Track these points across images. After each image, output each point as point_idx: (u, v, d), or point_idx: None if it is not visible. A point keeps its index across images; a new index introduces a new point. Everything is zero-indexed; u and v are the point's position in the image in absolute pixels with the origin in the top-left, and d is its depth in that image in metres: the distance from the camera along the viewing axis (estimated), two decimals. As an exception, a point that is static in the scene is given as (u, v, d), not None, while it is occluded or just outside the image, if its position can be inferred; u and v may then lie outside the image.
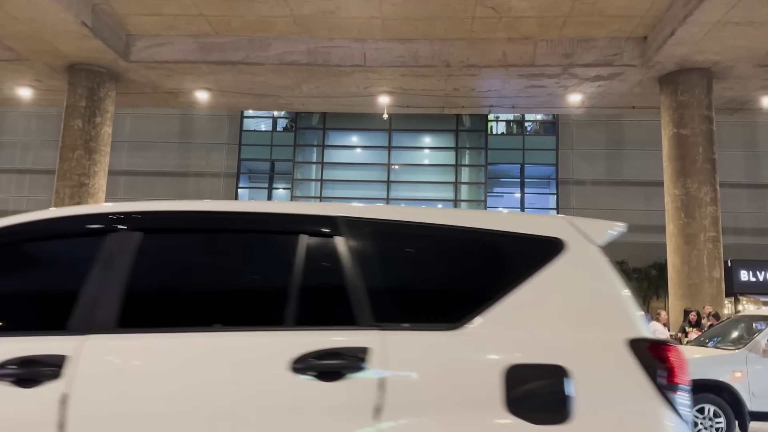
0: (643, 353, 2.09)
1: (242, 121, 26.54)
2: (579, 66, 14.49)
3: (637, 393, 2.05)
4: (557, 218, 2.46)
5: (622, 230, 2.52)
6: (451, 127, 25.09)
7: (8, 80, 16.57)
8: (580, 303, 2.20)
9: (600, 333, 2.13)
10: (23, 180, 24.61)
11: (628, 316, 2.19)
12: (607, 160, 24.73)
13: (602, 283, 2.25)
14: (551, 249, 2.28)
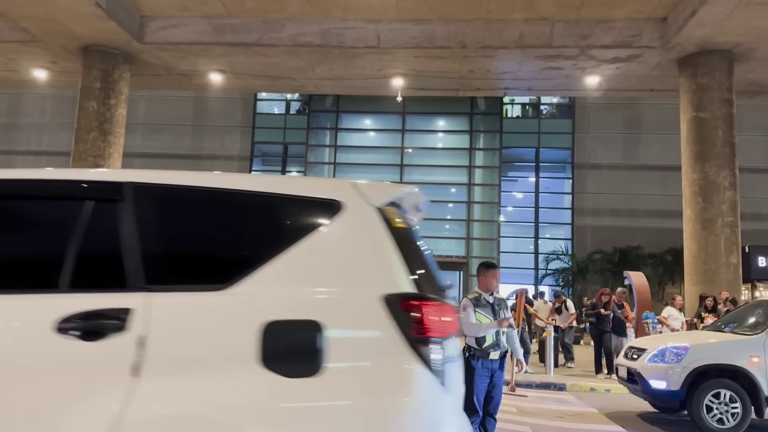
0: (396, 308, 2.16)
1: (256, 104, 26.51)
2: (597, 47, 14.26)
3: (387, 346, 2.13)
4: (339, 181, 2.57)
5: (410, 192, 2.61)
6: (465, 110, 24.88)
7: (24, 62, 16.63)
8: (345, 262, 2.28)
9: (359, 290, 2.21)
10: (39, 162, 24.81)
11: (390, 274, 2.25)
12: (624, 144, 24.43)
13: (371, 243, 2.32)
14: (327, 211, 2.35)
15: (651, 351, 7.10)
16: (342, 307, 2.19)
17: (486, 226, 24.87)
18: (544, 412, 7.43)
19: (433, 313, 2.22)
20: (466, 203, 24.75)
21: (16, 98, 25.37)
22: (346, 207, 2.37)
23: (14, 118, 25.74)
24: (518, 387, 9.06)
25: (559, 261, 24.16)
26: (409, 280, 2.25)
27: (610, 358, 10.60)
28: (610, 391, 9.35)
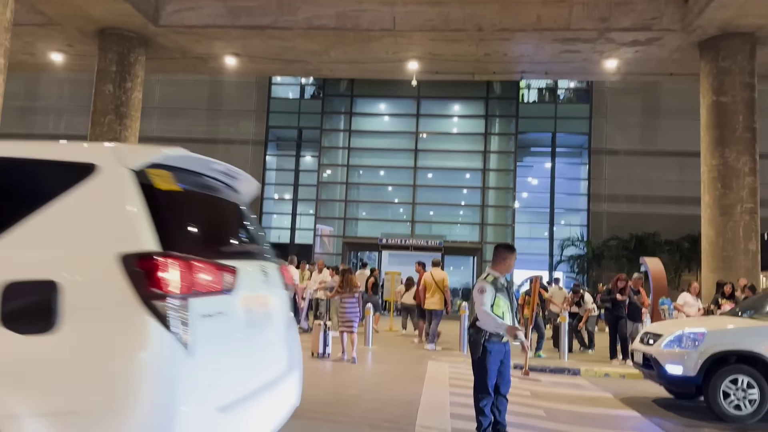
0: (131, 266, 2.25)
1: (270, 88, 26.49)
2: (616, 30, 14.05)
3: (121, 303, 2.23)
4: (96, 145, 2.67)
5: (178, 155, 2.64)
6: (481, 94, 24.69)
7: (41, 45, 16.72)
8: (89, 223, 2.37)
9: (98, 250, 2.30)
10: (57, 145, 24.98)
11: (132, 235, 2.32)
12: (642, 129, 24.13)
13: (116, 204, 2.38)
14: (79, 174, 2.40)
15: (667, 336, 7.03)
16: (80, 267, 2.28)
17: (500, 211, 24.76)
18: (557, 396, 7.41)
19: (174, 270, 2.29)
20: (481, 189, 24.64)
21: (33, 82, 25.55)
22: (99, 170, 2.41)
23: (32, 101, 25.94)
24: (531, 371, 9.03)
25: (574, 247, 24.02)
26: (154, 239, 2.32)
27: (625, 344, 10.53)
28: (624, 377, 9.29)
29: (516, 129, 24.81)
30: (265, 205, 26.33)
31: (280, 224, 27.11)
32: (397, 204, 26.04)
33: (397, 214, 26.05)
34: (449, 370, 8.73)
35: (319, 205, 25.53)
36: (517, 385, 7.98)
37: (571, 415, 6.27)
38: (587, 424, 5.87)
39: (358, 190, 26.04)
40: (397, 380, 7.77)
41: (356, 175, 26.02)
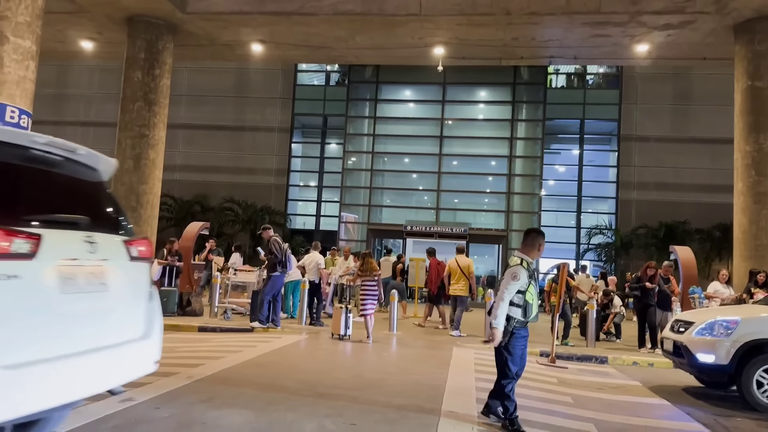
0: None
1: (296, 75, 26.53)
2: (647, 13, 13.72)
3: None
4: None
5: None
6: (508, 80, 24.39)
7: (71, 33, 16.95)
8: None
9: None
10: (87, 132, 25.44)
11: None
12: (673, 115, 23.63)
13: None
14: None
15: (699, 324, 6.90)
16: None
17: (527, 199, 24.52)
18: (585, 383, 7.34)
19: None
20: (507, 176, 24.42)
21: (64, 70, 25.97)
22: None
23: (62, 89, 26.39)
24: (558, 359, 8.97)
25: (602, 235, 23.71)
26: None
27: (654, 333, 10.38)
28: (653, 365, 9.17)
29: (543, 115, 24.48)
30: (290, 192, 26.48)
31: (305, 211, 27.25)
32: (421, 191, 25.96)
33: (422, 201, 25.98)
34: (474, 356, 8.71)
35: (344, 192, 25.58)
36: (544, 373, 7.92)
37: (600, 402, 6.21)
38: (616, 412, 5.80)
39: (383, 177, 26.01)
40: (422, 365, 7.78)
41: (381, 162, 25.98)
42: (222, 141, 25.61)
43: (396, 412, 5.18)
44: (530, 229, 5.17)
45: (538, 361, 8.87)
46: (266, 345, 8.60)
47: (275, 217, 24.41)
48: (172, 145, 20.64)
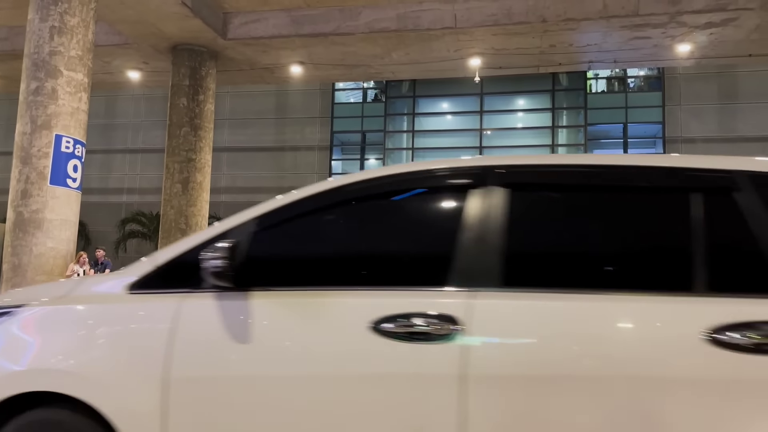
0: None
1: (333, 94, 26.90)
2: (688, 13, 13.47)
3: None
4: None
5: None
6: (546, 87, 24.19)
7: (118, 63, 17.64)
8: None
9: None
10: (135, 159, 26.32)
11: None
12: (720, 115, 23.00)
13: None
14: None
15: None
16: None
17: (571, 207, 24.20)
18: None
19: None
20: (550, 184, 24.14)
21: (112, 100, 26.96)
22: None
23: (111, 119, 27.38)
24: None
25: (651, 241, 23.15)
26: None
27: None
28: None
29: (585, 121, 24.14)
30: (332, 209, 26.65)
31: (347, 227, 27.38)
32: (463, 203, 25.84)
33: (464, 214, 25.87)
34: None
35: (385, 207, 25.68)
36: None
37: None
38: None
39: (424, 190, 26.01)
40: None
41: (421, 176, 26.03)
42: (264, 162, 26.11)
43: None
44: None
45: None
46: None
47: (319, 234, 24.61)
48: (217, 167, 21.15)
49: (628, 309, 1.91)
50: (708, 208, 2.04)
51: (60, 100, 10.22)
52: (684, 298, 1.90)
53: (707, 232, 2.00)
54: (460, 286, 2.05)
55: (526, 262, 2.10)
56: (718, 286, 1.90)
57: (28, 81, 10.21)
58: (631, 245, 2.10)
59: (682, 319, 1.85)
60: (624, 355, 1.85)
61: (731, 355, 1.77)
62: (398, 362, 1.97)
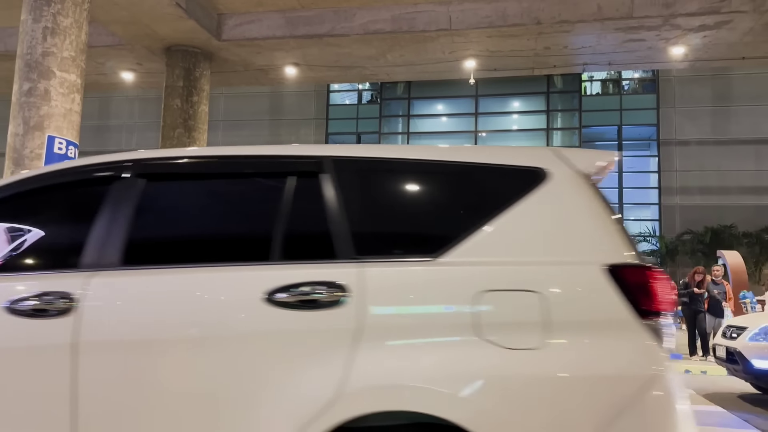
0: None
1: (328, 95, 26.90)
2: (682, 15, 13.50)
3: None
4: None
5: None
6: (541, 89, 24.24)
7: (112, 65, 17.57)
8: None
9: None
10: (130, 161, 26.18)
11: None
12: (714, 117, 23.09)
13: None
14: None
15: (753, 329, 6.70)
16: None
17: (566, 208, 24.21)
18: (636, 393, 7.17)
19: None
20: (545, 186, 24.14)
21: (105, 101, 26.88)
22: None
23: (105, 120, 27.30)
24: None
25: (647, 243, 23.20)
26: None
27: (705, 340, 10.11)
28: (706, 373, 8.92)
29: (580, 123, 24.20)
30: (327, 211, 26.67)
31: (342, 229, 27.39)
32: (458, 205, 25.85)
33: (459, 215, 25.88)
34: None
35: (380, 209, 25.66)
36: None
37: (652, 411, 6.06)
38: (670, 421, 5.66)
39: (419, 192, 26.01)
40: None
41: (416, 178, 26.02)
42: (259, 163, 26.08)
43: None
44: None
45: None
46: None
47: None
48: (212, 169, 21.08)
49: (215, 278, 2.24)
50: (294, 190, 2.39)
51: (53, 102, 10.15)
52: (259, 266, 2.24)
53: (286, 210, 2.34)
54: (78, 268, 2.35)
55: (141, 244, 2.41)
56: (284, 255, 2.26)
57: (21, 82, 10.15)
58: (229, 224, 2.42)
59: (251, 284, 2.20)
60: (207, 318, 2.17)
61: (281, 311, 2.14)
62: None
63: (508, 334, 2.04)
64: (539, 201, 2.26)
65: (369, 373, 2.05)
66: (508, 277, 2.12)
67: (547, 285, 2.09)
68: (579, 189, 2.28)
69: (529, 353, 2.01)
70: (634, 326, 2.05)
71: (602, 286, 2.08)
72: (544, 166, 2.33)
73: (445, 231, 2.25)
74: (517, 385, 1.99)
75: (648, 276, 2.12)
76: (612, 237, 2.20)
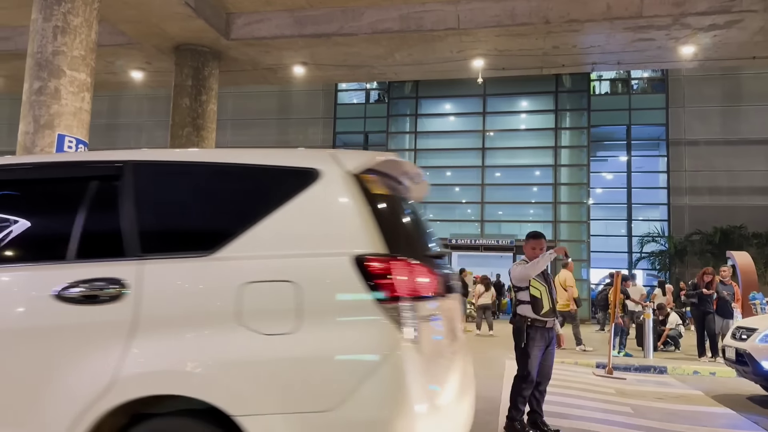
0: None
1: (336, 95, 26.91)
2: (692, 15, 13.42)
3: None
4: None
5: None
6: (550, 88, 24.13)
7: (121, 63, 17.66)
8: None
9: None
10: (138, 159, 26.27)
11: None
12: (723, 117, 22.93)
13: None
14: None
15: (763, 330, 6.66)
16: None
17: (574, 208, 24.09)
18: (644, 393, 7.14)
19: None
20: (552, 185, 24.05)
21: (115, 100, 27.00)
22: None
23: (114, 119, 27.42)
24: (615, 370, 8.76)
25: (655, 243, 23.08)
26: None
27: (714, 341, 10.04)
28: (715, 374, 8.86)
29: (588, 122, 24.06)
30: (335, 210, 26.69)
31: (350, 228, 27.38)
32: (465, 204, 25.82)
33: (466, 215, 25.83)
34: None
35: (387, 208, 25.60)
36: (601, 384, 7.74)
37: (661, 412, 6.04)
38: (678, 421, 5.63)
39: (426, 191, 25.94)
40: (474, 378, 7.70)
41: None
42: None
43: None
44: (528, 233, 5.33)
45: (594, 373, 8.69)
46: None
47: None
48: (220, 168, 21.12)
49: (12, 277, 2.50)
50: (94, 194, 2.58)
51: (63, 100, 10.22)
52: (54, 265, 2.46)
53: (84, 213, 2.53)
54: None
55: None
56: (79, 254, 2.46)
57: (31, 81, 10.22)
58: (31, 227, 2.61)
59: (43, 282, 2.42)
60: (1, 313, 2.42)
61: (68, 306, 2.34)
62: None
63: (266, 321, 2.24)
64: (308, 199, 2.45)
65: (141, 361, 2.25)
66: (268, 270, 2.32)
67: (301, 276, 2.28)
68: (345, 187, 2.44)
69: (284, 338, 2.21)
70: (375, 311, 2.24)
71: (349, 275, 2.27)
72: (318, 167, 2.49)
73: (222, 228, 2.44)
74: (272, 368, 2.20)
75: (390, 265, 2.29)
76: (364, 231, 2.35)
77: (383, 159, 2.67)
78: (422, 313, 2.41)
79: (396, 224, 2.65)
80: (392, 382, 2.22)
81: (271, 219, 2.42)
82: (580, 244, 22.99)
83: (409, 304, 2.31)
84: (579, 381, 7.76)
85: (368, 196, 2.46)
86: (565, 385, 7.19)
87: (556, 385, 6.56)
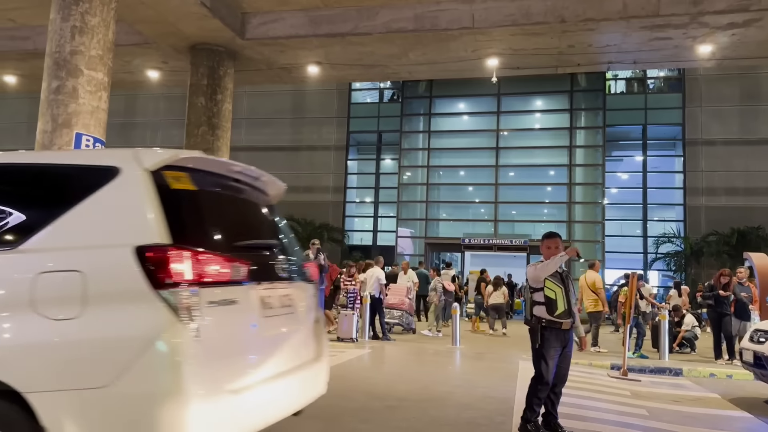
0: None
1: (350, 94, 26.95)
2: (709, 13, 13.27)
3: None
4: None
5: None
6: (565, 87, 23.99)
7: (138, 63, 17.80)
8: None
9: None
10: (154, 158, 26.48)
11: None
12: (741, 117, 22.66)
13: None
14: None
15: (781, 333, 6.58)
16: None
17: (589, 208, 23.95)
18: (660, 396, 7.09)
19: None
20: (567, 185, 23.91)
21: (131, 99, 27.25)
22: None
23: (130, 117, 27.67)
24: (630, 372, 8.70)
25: (671, 244, 22.87)
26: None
27: (731, 343, 9.94)
28: (732, 377, 8.77)
29: (603, 122, 23.90)
30: (347, 209, 26.78)
31: (362, 227, 27.48)
32: (478, 203, 25.76)
33: (479, 214, 25.77)
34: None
35: (400, 207, 25.66)
36: (616, 386, 7.70)
37: (677, 414, 5.99)
38: (694, 424, 5.58)
39: (439, 190, 25.96)
40: (488, 378, 7.70)
41: (437, 176, 25.96)
42: (281, 161, 26.20)
43: (467, 425, 5.15)
44: (545, 234, 5.37)
45: (609, 375, 8.64)
46: (332, 359, 8.71)
47: (334, 233, 24.69)
48: (234, 166, 21.23)
49: None
50: None
51: (80, 99, 10.33)
52: None
53: None
54: None
55: None
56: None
57: (50, 80, 10.34)
58: None
59: None
60: None
61: None
62: None
63: (55, 307, 2.52)
64: (105, 194, 2.71)
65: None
66: (59, 261, 2.60)
67: (87, 265, 2.56)
68: (139, 183, 2.67)
69: (69, 322, 2.50)
70: (150, 296, 2.49)
71: (129, 265, 2.52)
72: (117, 164, 2.75)
73: (27, 224, 2.72)
74: (57, 349, 2.48)
75: (168, 255, 2.52)
76: (149, 223, 2.58)
77: (186, 156, 2.89)
78: (211, 298, 2.63)
79: (200, 217, 2.87)
80: (163, 360, 2.44)
81: (70, 214, 2.68)
82: (594, 245, 22.85)
83: (191, 290, 2.53)
84: (593, 382, 7.73)
85: (165, 191, 2.68)
86: (579, 386, 7.16)
87: (571, 386, 6.54)
